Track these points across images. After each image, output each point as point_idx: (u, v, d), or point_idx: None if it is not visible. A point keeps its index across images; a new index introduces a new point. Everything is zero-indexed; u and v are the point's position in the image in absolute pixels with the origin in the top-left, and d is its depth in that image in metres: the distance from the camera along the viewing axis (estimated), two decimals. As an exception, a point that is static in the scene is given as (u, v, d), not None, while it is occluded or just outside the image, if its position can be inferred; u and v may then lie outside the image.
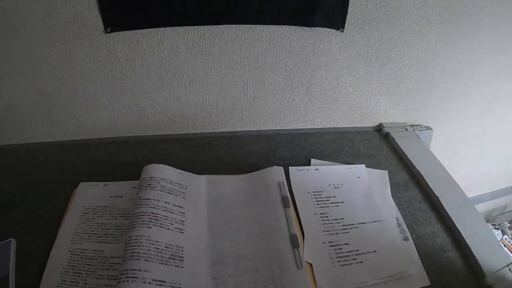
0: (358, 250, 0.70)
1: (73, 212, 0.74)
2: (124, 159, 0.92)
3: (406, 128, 1.09)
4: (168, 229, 0.65)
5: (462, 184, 0.88)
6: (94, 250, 0.66)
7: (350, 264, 0.67)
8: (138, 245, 0.59)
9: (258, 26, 0.84)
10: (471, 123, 1.26)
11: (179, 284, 0.58)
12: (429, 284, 0.65)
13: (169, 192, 0.71)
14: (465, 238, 0.73)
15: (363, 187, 0.85)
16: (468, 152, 1.39)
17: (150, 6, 0.78)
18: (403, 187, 0.88)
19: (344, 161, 0.94)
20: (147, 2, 0.77)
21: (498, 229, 2.14)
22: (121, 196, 0.77)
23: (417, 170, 0.91)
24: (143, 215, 0.64)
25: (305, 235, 0.71)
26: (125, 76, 0.88)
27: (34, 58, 0.81)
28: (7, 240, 0.67)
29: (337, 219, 0.76)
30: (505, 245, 2.07)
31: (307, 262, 0.65)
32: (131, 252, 0.58)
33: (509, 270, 0.67)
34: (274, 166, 0.82)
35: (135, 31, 0.81)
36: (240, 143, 1.00)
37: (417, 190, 0.87)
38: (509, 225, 2.16)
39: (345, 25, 0.87)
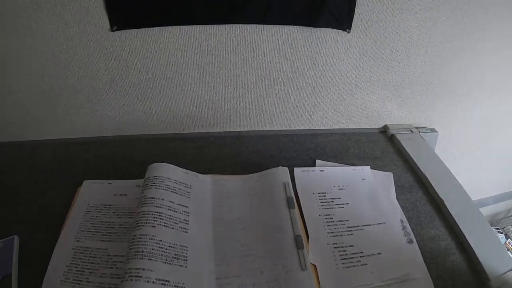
0: (362, 252, 0.69)
1: (77, 210, 0.74)
2: (128, 157, 0.92)
3: (411, 130, 1.09)
4: (173, 228, 0.64)
5: (467, 187, 0.87)
6: (97, 249, 0.66)
7: (354, 266, 0.67)
8: (142, 244, 0.59)
9: (264, 26, 0.84)
10: (476, 126, 1.25)
11: (183, 283, 0.57)
12: (433, 287, 0.65)
13: (174, 191, 0.71)
14: (469, 242, 0.72)
15: (368, 189, 0.84)
16: (473, 155, 1.38)
17: (157, 5, 0.77)
18: (408, 189, 0.87)
19: (349, 162, 0.93)
20: (153, 0, 0.77)
21: (502, 233, 2.14)
22: (126, 194, 0.77)
23: (422, 172, 0.90)
24: (148, 214, 0.63)
25: (309, 237, 0.71)
26: (131, 75, 0.88)
27: (40, 56, 0.81)
28: (10, 237, 0.67)
29: (341, 221, 0.76)
30: (508, 249, 2.07)
31: (311, 263, 0.64)
32: (135, 251, 0.58)
33: (514, 274, 0.67)
34: (279, 166, 0.82)
35: (141, 29, 0.81)
36: (245, 143, 0.99)
37: (421, 193, 0.87)
38: (513, 229, 2.16)
39: (352, 26, 0.87)
